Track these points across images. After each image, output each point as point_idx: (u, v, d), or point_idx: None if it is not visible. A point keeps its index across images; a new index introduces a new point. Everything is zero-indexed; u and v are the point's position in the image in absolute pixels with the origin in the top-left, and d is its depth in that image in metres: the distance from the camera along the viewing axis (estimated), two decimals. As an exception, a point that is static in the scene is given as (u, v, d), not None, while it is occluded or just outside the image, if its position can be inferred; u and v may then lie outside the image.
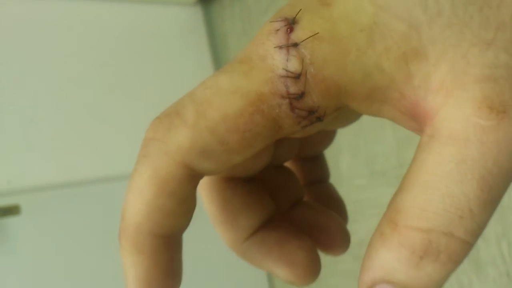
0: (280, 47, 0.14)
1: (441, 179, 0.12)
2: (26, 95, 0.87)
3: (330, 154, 0.24)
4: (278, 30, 0.14)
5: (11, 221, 0.80)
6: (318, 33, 0.13)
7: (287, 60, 0.14)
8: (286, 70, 0.14)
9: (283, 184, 0.20)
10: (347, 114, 0.18)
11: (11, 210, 0.77)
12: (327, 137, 0.22)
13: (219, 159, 0.14)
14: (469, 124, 0.12)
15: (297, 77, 0.14)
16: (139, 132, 0.17)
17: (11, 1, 0.89)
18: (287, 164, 0.22)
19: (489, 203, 0.12)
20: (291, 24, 0.14)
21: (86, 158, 0.89)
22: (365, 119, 0.20)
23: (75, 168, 0.87)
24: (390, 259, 0.13)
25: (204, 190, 0.18)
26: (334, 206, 0.22)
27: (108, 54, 0.98)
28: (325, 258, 0.20)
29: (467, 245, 0.12)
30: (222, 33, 1.12)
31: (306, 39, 0.14)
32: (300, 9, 0.14)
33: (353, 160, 0.82)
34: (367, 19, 0.13)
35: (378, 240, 0.13)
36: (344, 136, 0.81)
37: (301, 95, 0.14)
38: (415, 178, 0.13)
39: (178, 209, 0.14)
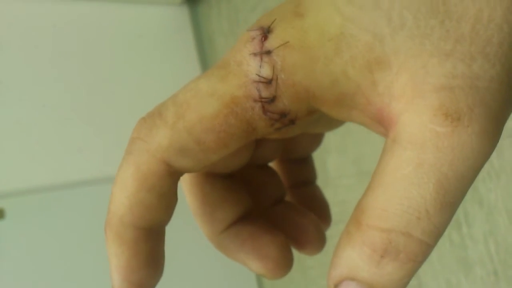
0: (255, 54, 0.15)
1: (401, 181, 0.13)
2: (11, 97, 0.86)
3: (318, 154, 0.25)
4: (254, 38, 0.15)
5: (-5, 225, 0.78)
6: (288, 41, 0.14)
7: (260, 66, 0.15)
8: (259, 76, 0.15)
9: (263, 183, 0.21)
10: (329, 119, 0.19)
11: (-5, 214, 0.76)
12: (314, 140, 0.23)
13: (196, 157, 0.15)
14: (426, 130, 0.13)
15: (269, 82, 0.15)
16: (126, 133, 0.17)
17: (-6, 1, 0.88)
18: (274, 165, 0.23)
19: (446, 206, 0.13)
20: (265, 33, 0.15)
21: (72, 161, 0.87)
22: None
23: (60, 171, 0.86)
24: (354, 257, 0.13)
25: (186, 185, 0.19)
26: (317, 208, 0.23)
27: (94, 55, 0.97)
28: (315, 260, 0.20)
29: (425, 245, 0.13)
30: (209, 33, 1.12)
31: (278, 47, 0.15)
32: (275, 19, 0.15)
33: (341, 160, 0.82)
34: (335, 29, 0.14)
35: (344, 239, 0.14)
36: (333, 137, 0.81)
37: (272, 99, 0.15)
38: (378, 179, 0.14)
39: (158, 203, 0.15)
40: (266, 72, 0.15)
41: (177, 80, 1.02)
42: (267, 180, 0.21)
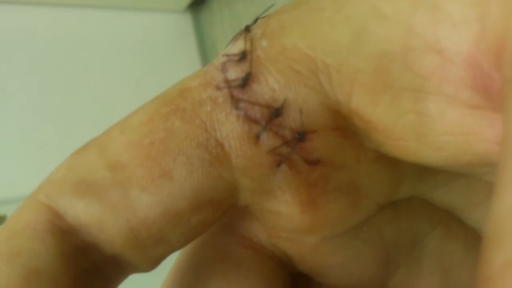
0: (229, 43, 0.10)
1: None
2: (14, 104, 0.86)
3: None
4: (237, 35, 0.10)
5: (-3, 232, 0.78)
6: (273, 4, 0.10)
7: (232, 46, 0.09)
8: (227, 55, 0.09)
9: None
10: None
11: (-2, 221, 0.75)
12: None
13: (107, 199, 0.08)
14: None
15: (241, 58, 0.09)
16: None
17: (-2, 9, 0.88)
18: None
19: None
20: (250, 24, 0.10)
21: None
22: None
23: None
24: None
25: None
26: None
27: (98, 62, 0.97)
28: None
29: None
30: (212, 39, 1.12)
31: (260, 16, 0.09)
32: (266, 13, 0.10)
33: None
34: None
35: None
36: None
37: (245, 79, 0.08)
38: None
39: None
40: (237, 46, 0.09)
41: (180, 86, 1.02)
42: None
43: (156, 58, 1.05)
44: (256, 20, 0.10)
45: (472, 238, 0.11)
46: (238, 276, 0.10)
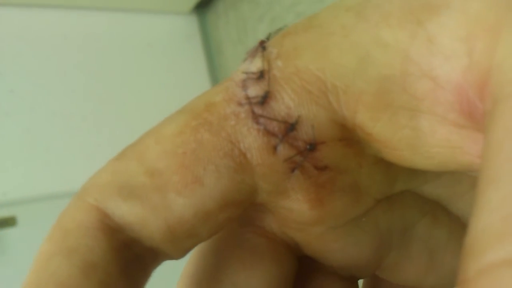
0: (245, 59, 0.11)
1: None
2: (23, 106, 0.87)
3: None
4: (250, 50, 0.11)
5: (7, 232, 0.79)
6: (286, 25, 0.11)
7: (250, 63, 0.10)
8: (246, 72, 0.10)
9: None
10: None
11: (7, 222, 0.76)
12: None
13: (149, 202, 0.10)
14: None
15: (259, 76, 0.10)
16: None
17: (5, 11, 0.90)
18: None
19: None
20: (265, 39, 0.11)
21: (82, 168, 0.88)
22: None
23: (71, 178, 0.87)
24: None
25: None
26: None
27: (104, 64, 0.98)
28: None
29: None
30: (218, 41, 1.12)
31: (275, 32, 0.10)
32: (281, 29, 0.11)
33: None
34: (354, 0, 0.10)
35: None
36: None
37: (264, 97, 0.10)
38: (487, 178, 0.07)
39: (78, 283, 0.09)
40: (255, 65, 0.10)
41: (186, 88, 1.03)
42: None
43: (162, 60, 1.06)
44: (269, 36, 0.11)
45: (455, 225, 0.14)
46: (253, 260, 0.12)
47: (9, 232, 0.79)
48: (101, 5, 0.98)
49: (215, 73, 1.12)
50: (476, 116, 0.08)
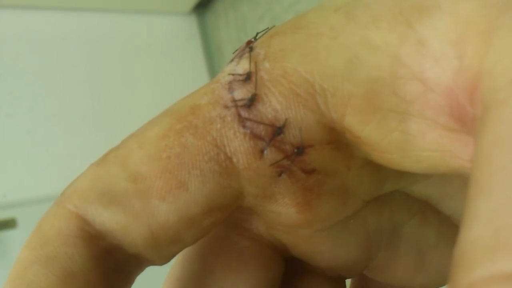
0: (232, 59, 0.11)
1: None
2: (22, 107, 0.87)
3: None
4: (237, 51, 0.11)
5: (7, 234, 0.79)
6: (274, 26, 0.10)
7: (237, 64, 0.10)
8: (233, 74, 0.10)
9: None
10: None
11: (8, 224, 0.76)
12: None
13: (130, 209, 0.09)
14: None
15: (246, 78, 0.10)
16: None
17: (4, 12, 0.90)
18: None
19: None
20: (252, 39, 0.11)
21: (82, 170, 0.88)
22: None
23: (71, 180, 0.87)
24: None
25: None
26: None
27: (104, 65, 0.98)
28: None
29: None
30: (217, 41, 1.12)
31: (261, 33, 0.10)
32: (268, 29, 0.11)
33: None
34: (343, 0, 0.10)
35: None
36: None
37: (251, 99, 0.09)
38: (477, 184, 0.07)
39: None
40: (242, 66, 0.10)
41: (186, 88, 1.02)
42: None
43: (162, 60, 1.06)
44: (256, 36, 0.11)
45: (445, 225, 0.13)
46: (239, 264, 0.12)
47: (9, 234, 0.79)
48: (100, 6, 0.98)
49: (215, 73, 1.12)
50: (466, 120, 0.08)
